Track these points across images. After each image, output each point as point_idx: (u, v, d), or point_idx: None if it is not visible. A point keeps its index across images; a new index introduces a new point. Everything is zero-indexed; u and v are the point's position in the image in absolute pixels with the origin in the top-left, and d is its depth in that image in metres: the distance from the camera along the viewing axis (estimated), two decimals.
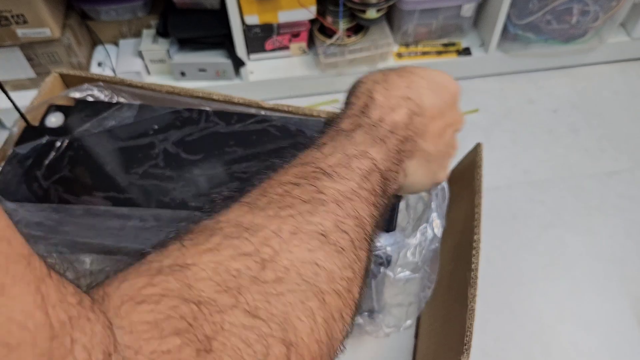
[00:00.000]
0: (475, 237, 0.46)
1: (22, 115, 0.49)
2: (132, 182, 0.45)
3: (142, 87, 0.56)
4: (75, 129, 0.49)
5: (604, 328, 0.74)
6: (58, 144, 0.48)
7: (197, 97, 0.55)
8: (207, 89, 0.98)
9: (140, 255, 0.20)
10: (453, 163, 0.62)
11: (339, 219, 0.22)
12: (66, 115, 0.51)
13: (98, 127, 0.49)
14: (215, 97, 0.54)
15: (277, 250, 0.19)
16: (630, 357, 0.72)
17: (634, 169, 0.92)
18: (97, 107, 0.51)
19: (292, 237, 0.20)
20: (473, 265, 0.45)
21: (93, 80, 0.56)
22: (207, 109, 0.51)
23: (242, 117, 0.50)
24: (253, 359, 0.17)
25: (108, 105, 0.51)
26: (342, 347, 0.22)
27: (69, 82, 0.59)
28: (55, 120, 0.50)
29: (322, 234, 0.21)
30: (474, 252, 0.45)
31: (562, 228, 0.84)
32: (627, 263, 0.80)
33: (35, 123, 0.50)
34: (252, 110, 0.52)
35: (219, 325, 0.17)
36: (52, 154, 0.47)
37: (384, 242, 0.44)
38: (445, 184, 0.53)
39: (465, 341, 0.41)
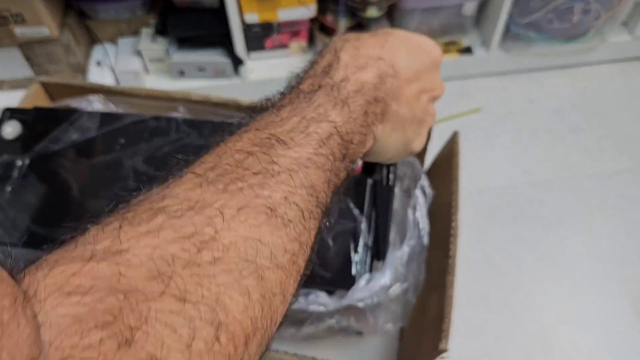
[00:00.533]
0: (453, 224, 0.46)
1: None
2: (103, 209, 0.43)
3: (132, 95, 0.53)
4: (35, 145, 0.46)
5: (604, 328, 0.74)
6: (19, 163, 0.45)
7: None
8: (206, 88, 0.99)
9: (79, 231, 0.20)
10: (432, 153, 0.62)
11: (289, 189, 0.22)
12: (23, 124, 0.47)
13: (59, 141, 0.46)
14: (194, 98, 0.50)
15: (219, 228, 0.19)
16: (630, 357, 0.72)
17: (634, 169, 0.92)
18: (54, 116, 0.48)
19: (238, 213, 0.20)
20: (451, 252, 0.44)
21: (76, 88, 0.54)
22: (177, 116, 0.48)
23: (216, 126, 0.47)
24: (178, 344, 0.17)
25: (66, 113, 0.48)
26: (282, 318, 0.22)
27: (52, 91, 0.57)
28: (11, 130, 0.47)
29: (270, 208, 0.21)
30: (451, 239, 0.45)
31: (562, 228, 0.84)
32: (627, 263, 0.80)
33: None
34: (229, 118, 0.49)
35: (145, 314, 0.16)
36: (14, 175, 0.44)
37: (364, 294, 0.42)
38: (426, 182, 0.52)
39: (443, 327, 0.40)
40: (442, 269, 0.44)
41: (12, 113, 0.49)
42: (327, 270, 0.43)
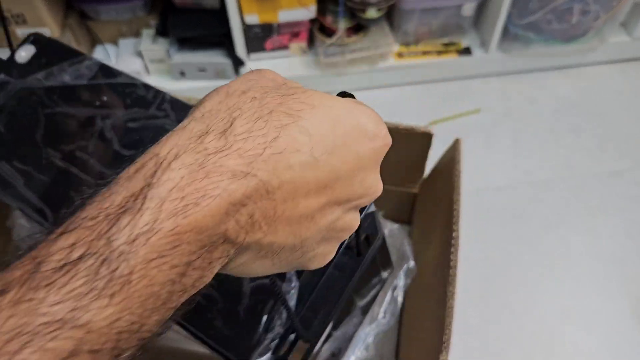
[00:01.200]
0: (454, 234, 0.46)
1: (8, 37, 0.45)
2: (52, 162, 0.40)
3: None
4: (30, 74, 0.45)
5: (604, 328, 0.74)
6: (8, 87, 0.44)
7: None
8: (206, 88, 0.99)
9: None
10: (432, 161, 0.60)
11: None
12: (37, 52, 0.47)
13: (51, 78, 0.45)
14: None
15: None
16: (630, 357, 0.72)
17: (634, 169, 0.92)
18: (63, 53, 0.47)
19: None
20: (452, 263, 0.44)
21: None
22: (167, 93, 0.46)
23: None
24: None
25: (74, 53, 0.47)
26: None
27: None
28: (24, 55, 0.47)
29: None
30: (452, 249, 0.45)
31: (562, 228, 0.84)
32: (627, 263, 0.80)
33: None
34: None
35: None
36: None
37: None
38: (413, 264, 0.51)
39: (444, 339, 0.40)
40: (443, 280, 0.44)
41: (35, 38, 0.48)
42: None
